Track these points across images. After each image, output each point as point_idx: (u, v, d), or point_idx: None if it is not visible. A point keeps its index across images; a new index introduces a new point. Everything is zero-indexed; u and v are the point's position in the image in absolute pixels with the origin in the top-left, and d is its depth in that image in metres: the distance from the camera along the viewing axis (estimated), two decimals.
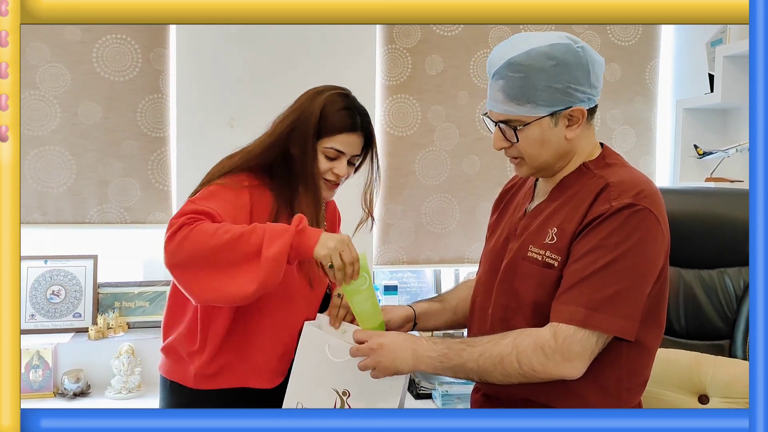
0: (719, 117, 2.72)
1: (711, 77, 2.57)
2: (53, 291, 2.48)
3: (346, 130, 1.43)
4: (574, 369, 1.19)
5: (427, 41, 2.76)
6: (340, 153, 1.44)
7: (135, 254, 2.66)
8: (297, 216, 1.32)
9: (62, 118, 2.45)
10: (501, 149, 1.31)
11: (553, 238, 1.25)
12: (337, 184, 1.48)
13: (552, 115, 1.24)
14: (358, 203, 1.59)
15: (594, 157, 1.32)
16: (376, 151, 1.53)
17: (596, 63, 1.25)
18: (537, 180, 1.41)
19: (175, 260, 1.28)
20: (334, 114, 1.42)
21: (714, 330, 1.67)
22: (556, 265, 1.23)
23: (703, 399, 1.59)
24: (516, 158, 1.31)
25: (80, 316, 2.49)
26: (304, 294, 1.47)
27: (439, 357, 1.25)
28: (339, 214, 1.68)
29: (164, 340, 1.48)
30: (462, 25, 2.78)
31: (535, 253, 1.26)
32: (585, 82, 1.23)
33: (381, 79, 2.74)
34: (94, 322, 2.48)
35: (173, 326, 1.46)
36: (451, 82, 2.79)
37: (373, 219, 1.60)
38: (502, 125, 1.27)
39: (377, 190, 1.57)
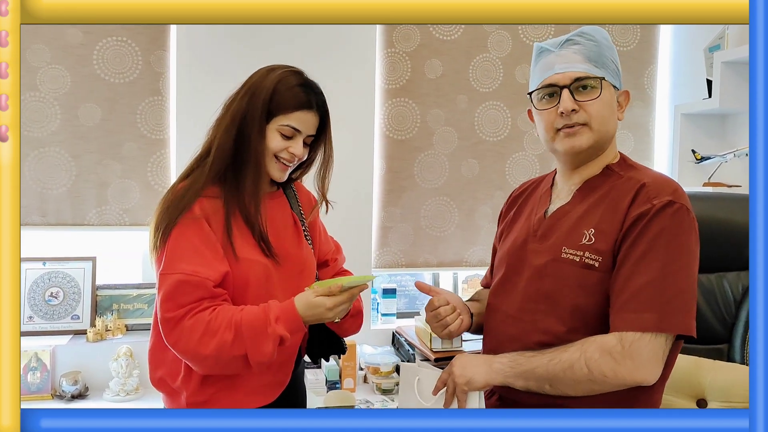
0: (717, 122, 2.73)
1: (709, 82, 2.58)
2: (51, 293, 2.48)
3: (301, 107, 1.39)
4: (650, 374, 1.19)
5: (427, 45, 2.77)
6: (296, 131, 1.40)
7: (134, 256, 2.66)
8: (263, 309, 1.32)
9: (62, 119, 2.45)
10: (571, 111, 1.27)
11: (590, 239, 1.25)
12: (289, 165, 1.43)
13: (615, 88, 1.32)
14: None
15: (616, 161, 1.35)
16: (330, 132, 1.49)
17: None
18: (553, 183, 1.42)
19: (175, 350, 1.33)
20: (287, 91, 1.38)
21: (713, 334, 1.67)
22: (596, 265, 1.24)
23: (702, 403, 1.59)
24: (577, 125, 1.28)
25: (78, 318, 2.49)
26: None
27: (509, 362, 1.27)
28: (316, 201, 1.62)
29: (152, 373, 1.44)
30: (461, 30, 2.79)
31: (571, 254, 1.26)
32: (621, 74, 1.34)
33: (380, 83, 2.75)
34: (93, 324, 2.47)
35: (159, 360, 1.43)
36: (450, 86, 2.80)
37: (327, 202, 1.56)
38: (573, 87, 1.27)
39: (330, 172, 1.53)
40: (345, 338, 1.61)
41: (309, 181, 1.64)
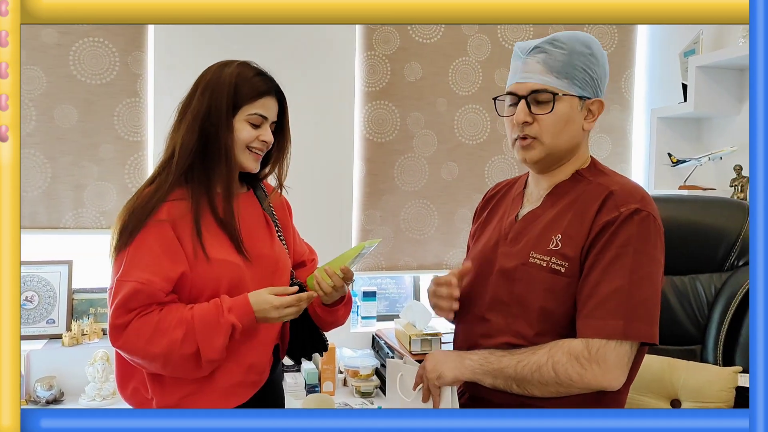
0: (692, 126, 2.77)
1: (684, 87, 2.61)
2: (27, 297, 2.44)
3: (264, 94, 1.41)
4: (614, 379, 1.20)
5: (406, 48, 2.78)
6: (264, 118, 1.41)
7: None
8: (214, 302, 1.33)
9: (38, 121, 2.42)
10: (523, 123, 1.29)
11: (557, 245, 1.27)
12: (261, 154, 1.45)
13: (581, 98, 1.29)
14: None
15: (586, 166, 1.35)
16: (288, 117, 1.51)
17: (608, 71, 1.34)
18: (526, 186, 1.43)
19: (124, 351, 1.33)
20: (248, 81, 1.40)
21: (686, 335, 1.69)
22: (563, 271, 1.25)
23: (675, 403, 1.61)
24: (530, 138, 1.30)
25: (54, 322, 2.46)
26: None
27: (480, 360, 1.28)
28: (287, 203, 1.64)
29: (123, 387, 1.43)
30: (440, 33, 2.80)
31: (538, 259, 1.28)
32: (604, 81, 1.32)
33: (360, 86, 2.75)
34: (68, 329, 2.44)
35: (129, 373, 1.41)
36: (429, 89, 2.81)
37: (282, 187, 1.57)
38: (530, 98, 1.28)
39: (288, 156, 1.54)
40: (326, 340, 1.61)
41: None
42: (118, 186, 2.52)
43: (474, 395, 1.35)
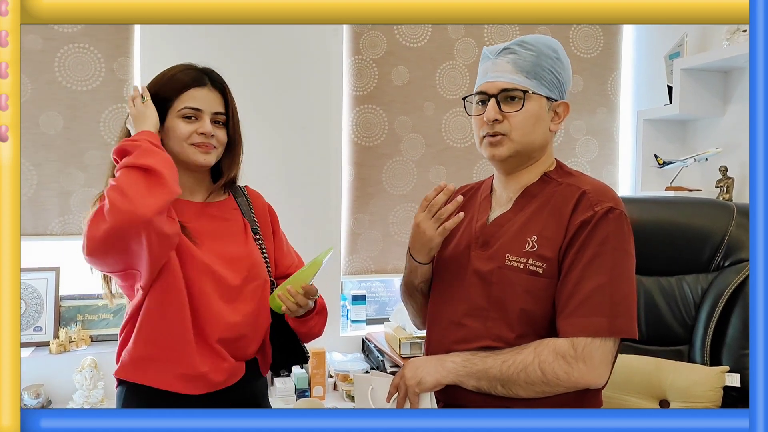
0: (678, 128, 2.79)
1: (670, 89, 2.64)
2: None
3: (191, 85, 1.38)
4: (600, 377, 1.22)
5: (393, 52, 2.78)
6: (196, 110, 1.37)
7: None
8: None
9: (23, 128, 2.39)
10: (493, 121, 1.30)
11: (533, 246, 1.27)
12: (208, 146, 1.38)
13: (548, 99, 1.31)
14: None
15: (553, 168, 1.36)
16: (232, 109, 1.44)
17: (571, 77, 1.37)
18: (492, 190, 1.43)
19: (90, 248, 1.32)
20: (171, 77, 1.39)
21: (673, 336, 1.70)
22: (541, 272, 1.25)
23: (664, 403, 1.62)
24: (499, 135, 1.30)
25: (41, 329, 2.44)
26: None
27: (462, 362, 1.27)
28: (272, 210, 1.60)
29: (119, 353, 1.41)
30: (427, 37, 2.81)
31: (515, 261, 1.28)
32: (568, 85, 1.35)
33: (348, 90, 2.75)
34: (56, 336, 2.42)
35: (123, 334, 1.40)
36: (417, 92, 2.82)
37: (232, 183, 1.51)
38: (500, 96, 1.30)
39: (238, 154, 1.48)
40: (310, 344, 1.59)
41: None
42: None
43: (448, 403, 1.33)
